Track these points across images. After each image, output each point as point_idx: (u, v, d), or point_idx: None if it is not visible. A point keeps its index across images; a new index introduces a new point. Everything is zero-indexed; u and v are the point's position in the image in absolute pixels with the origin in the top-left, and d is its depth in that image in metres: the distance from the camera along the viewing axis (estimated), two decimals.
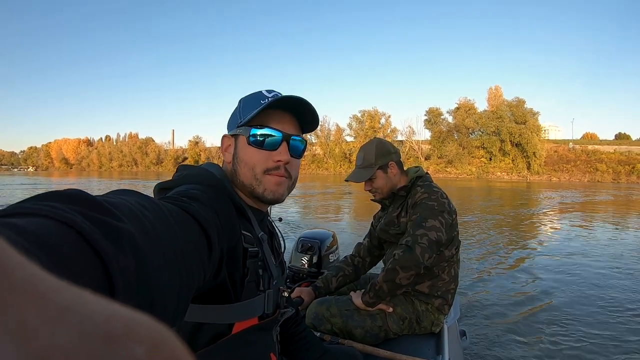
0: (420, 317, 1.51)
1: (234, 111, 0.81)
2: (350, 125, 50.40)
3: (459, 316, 1.86)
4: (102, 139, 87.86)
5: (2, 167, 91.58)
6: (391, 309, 1.48)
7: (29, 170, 74.16)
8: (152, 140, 75.61)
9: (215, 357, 0.66)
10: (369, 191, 1.67)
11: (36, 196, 0.27)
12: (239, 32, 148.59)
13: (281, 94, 0.77)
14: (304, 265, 2.12)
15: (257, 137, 0.73)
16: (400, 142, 46.82)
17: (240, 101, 0.81)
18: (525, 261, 4.88)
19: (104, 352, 0.10)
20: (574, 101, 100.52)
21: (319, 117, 0.79)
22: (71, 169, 79.50)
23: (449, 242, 1.53)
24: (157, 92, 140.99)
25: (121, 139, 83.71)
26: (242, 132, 0.75)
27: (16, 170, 75.35)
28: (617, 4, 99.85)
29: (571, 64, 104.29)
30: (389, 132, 48.22)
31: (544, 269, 4.43)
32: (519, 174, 39.42)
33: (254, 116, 0.73)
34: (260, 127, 0.74)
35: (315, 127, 0.80)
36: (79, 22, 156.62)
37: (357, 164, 1.66)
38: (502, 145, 40.48)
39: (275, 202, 0.77)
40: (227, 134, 0.81)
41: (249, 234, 0.71)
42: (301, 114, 0.78)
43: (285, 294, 0.83)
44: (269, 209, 0.85)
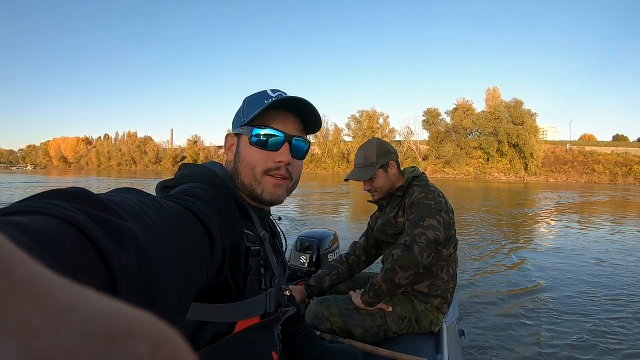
0: (419, 316, 1.51)
1: (238, 110, 0.81)
2: (348, 125, 50.42)
3: (458, 316, 1.86)
4: (100, 137, 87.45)
5: (0, 165, 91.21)
6: (390, 309, 1.49)
7: (27, 168, 73.72)
8: (151, 139, 75.30)
9: (217, 356, 0.66)
10: (368, 191, 1.67)
11: (38, 194, 0.27)
12: (238, 31, 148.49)
13: (286, 93, 0.77)
14: (303, 264, 2.12)
15: (259, 137, 0.73)
16: (398, 142, 46.85)
17: (244, 100, 0.80)
18: (522, 258, 4.90)
19: (106, 351, 0.10)
20: (572, 102, 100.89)
21: (321, 119, 0.78)
22: (70, 167, 78.98)
23: (446, 241, 1.53)
24: (155, 91, 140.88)
25: (120, 137, 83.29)
26: (244, 131, 0.75)
27: (14, 168, 75.14)
28: (615, 5, 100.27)
29: (569, 64, 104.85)
30: (387, 132, 48.14)
31: (543, 268, 4.44)
32: (516, 174, 39.48)
33: (256, 116, 0.73)
34: (262, 127, 0.73)
35: (317, 128, 0.80)
36: (78, 21, 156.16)
37: (357, 163, 1.65)
38: (499, 146, 40.52)
39: (273, 203, 0.77)
40: (230, 132, 0.80)
41: (251, 233, 0.71)
42: (304, 115, 0.77)
43: (286, 292, 0.83)
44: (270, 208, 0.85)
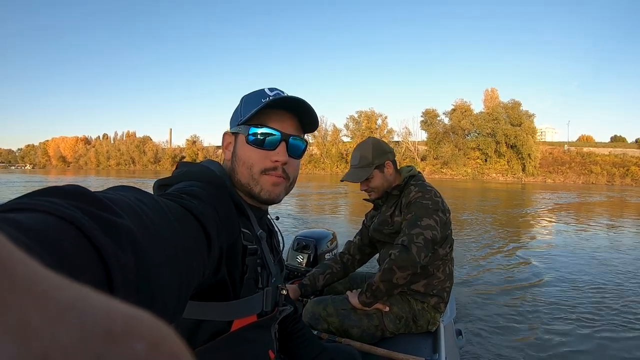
0: (416, 316, 1.51)
1: (236, 108, 0.80)
2: (347, 125, 50.46)
3: (455, 315, 1.86)
4: (99, 137, 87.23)
5: None
6: (387, 309, 1.49)
7: (26, 168, 73.59)
8: (150, 139, 75.24)
9: (214, 354, 0.66)
10: (365, 191, 1.67)
11: (35, 192, 0.27)
12: (237, 31, 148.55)
13: (284, 92, 0.76)
14: (300, 264, 2.12)
15: (256, 136, 0.72)
16: (396, 142, 46.92)
17: (242, 99, 0.79)
18: (522, 257, 4.94)
19: (105, 350, 0.10)
20: (571, 103, 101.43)
21: (318, 118, 0.78)
22: (68, 167, 78.80)
23: (443, 241, 1.53)
24: (154, 91, 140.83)
25: (119, 137, 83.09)
26: (241, 130, 0.74)
27: (13, 167, 74.99)
28: (614, 6, 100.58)
29: (569, 66, 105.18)
30: (385, 132, 48.24)
31: (544, 267, 4.48)
32: (514, 175, 39.57)
33: (253, 115, 0.72)
34: (259, 126, 0.73)
35: (315, 128, 0.79)
36: (77, 21, 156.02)
37: (353, 164, 1.65)
38: (497, 146, 40.63)
39: (271, 202, 0.77)
40: (228, 131, 0.80)
41: (248, 232, 0.71)
42: (301, 114, 0.77)
43: (283, 292, 0.83)
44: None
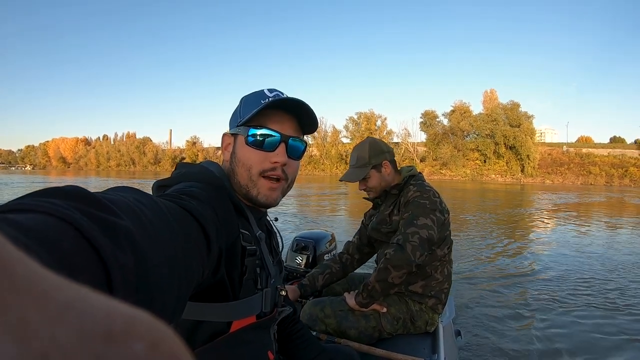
0: (414, 317, 1.51)
1: (235, 109, 0.80)
2: (346, 127, 50.54)
3: (454, 316, 1.87)
4: (99, 138, 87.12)
5: None
6: (385, 309, 1.49)
7: (26, 168, 73.55)
8: (150, 140, 75.14)
9: (213, 355, 0.66)
10: (364, 190, 1.68)
11: (34, 192, 0.27)
12: (236, 32, 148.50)
13: (283, 93, 0.76)
14: (299, 265, 2.12)
15: (255, 137, 0.72)
16: (395, 144, 46.93)
17: (241, 100, 0.79)
18: (520, 256, 4.96)
19: (104, 350, 0.10)
20: (571, 104, 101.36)
21: (317, 120, 0.78)
22: (69, 168, 78.71)
23: (441, 241, 1.53)
24: (154, 92, 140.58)
25: (119, 138, 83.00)
26: (241, 131, 0.74)
27: (13, 168, 74.96)
28: (614, 7, 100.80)
29: (568, 67, 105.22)
30: (384, 134, 48.25)
31: (543, 266, 4.48)
32: (513, 176, 39.59)
33: (253, 116, 0.72)
34: (259, 127, 0.73)
35: (314, 129, 0.79)
36: (77, 21, 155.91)
37: (351, 164, 1.66)
38: (496, 147, 40.64)
39: (268, 206, 0.77)
40: (227, 132, 0.80)
41: (247, 232, 0.71)
42: (300, 116, 0.77)
43: (283, 292, 0.83)
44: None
